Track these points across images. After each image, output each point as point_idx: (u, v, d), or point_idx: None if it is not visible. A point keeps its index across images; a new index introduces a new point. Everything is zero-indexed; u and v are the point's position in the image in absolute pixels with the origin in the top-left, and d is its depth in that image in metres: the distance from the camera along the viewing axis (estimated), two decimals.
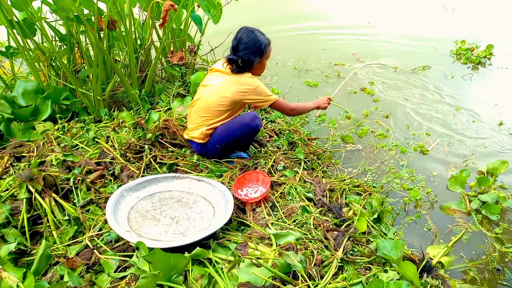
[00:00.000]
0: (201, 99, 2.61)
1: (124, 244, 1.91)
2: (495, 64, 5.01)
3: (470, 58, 5.07)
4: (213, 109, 2.57)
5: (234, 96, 2.52)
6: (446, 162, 3.19)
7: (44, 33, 2.95)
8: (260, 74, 2.75)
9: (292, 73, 4.88)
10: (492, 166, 2.93)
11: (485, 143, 3.45)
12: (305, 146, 3.20)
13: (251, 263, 1.74)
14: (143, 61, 3.52)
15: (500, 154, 3.27)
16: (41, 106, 3.02)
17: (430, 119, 3.82)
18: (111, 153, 2.60)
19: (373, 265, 1.94)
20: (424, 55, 5.31)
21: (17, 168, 2.45)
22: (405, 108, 4.02)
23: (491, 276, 2.21)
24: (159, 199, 2.26)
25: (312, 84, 4.55)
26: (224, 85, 2.55)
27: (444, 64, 5.04)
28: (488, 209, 2.64)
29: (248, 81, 2.53)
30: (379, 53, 5.44)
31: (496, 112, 3.95)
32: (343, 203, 2.49)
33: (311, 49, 5.65)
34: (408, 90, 4.42)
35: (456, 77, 4.67)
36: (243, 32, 2.53)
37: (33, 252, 1.94)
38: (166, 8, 2.96)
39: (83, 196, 2.22)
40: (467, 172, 2.90)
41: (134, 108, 3.27)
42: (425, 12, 7.15)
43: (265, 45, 2.54)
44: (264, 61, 2.65)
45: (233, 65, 2.54)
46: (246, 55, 2.49)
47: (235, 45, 2.54)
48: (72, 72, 3.21)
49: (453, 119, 3.82)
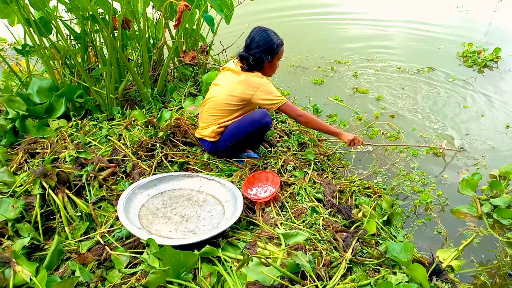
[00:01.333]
0: (211, 98, 2.63)
1: (135, 241, 1.94)
2: (502, 67, 4.98)
3: (476, 61, 5.04)
4: (223, 108, 2.58)
5: (242, 94, 2.52)
6: (457, 165, 3.17)
7: (60, 31, 3.00)
8: (271, 75, 2.75)
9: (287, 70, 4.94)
10: (505, 170, 2.90)
11: (495, 145, 3.42)
12: (315, 147, 3.20)
13: (259, 262, 1.75)
14: (155, 60, 3.55)
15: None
16: (55, 104, 3.07)
17: (435, 121, 3.81)
18: (123, 151, 2.63)
19: (382, 267, 1.94)
20: (430, 56, 5.30)
21: (31, 164, 2.50)
22: (410, 109, 4.02)
23: (502, 281, 2.18)
24: (170, 197, 2.29)
25: (318, 82, 4.59)
26: (233, 83, 2.56)
27: (449, 66, 5.03)
28: (500, 213, 2.61)
29: (257, 80, 2.53)
30: (385, 53, 5.45)
31: (503, 114, 3.95)
32: (352, 204, 2.48)
33: (313, 47, 5.69)
34: (412, 90, 4.42)
35: (458, 79, 4.64)
36: (256, 32, 2.55)
37: (45, 247, 1.97)
38: (181, 9, 2.98)
39: (95, 193, 2.25)
40: (479, 175, 2.88)
41: (146, 106, 3.30)
42: (438, 13, 7.09)
43: (277, 45, 2.55)
44: (276, 62, 2.65)
45: (244, 63, 2.56)
46: (258, 53, 2.50)
47: (247, 43, 2.56)
48: (86, 70, 3.25)
49: (460, 121, 3.81)
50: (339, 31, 6.29)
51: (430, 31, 6.22)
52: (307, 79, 4.68)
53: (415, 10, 7.21)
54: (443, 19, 6.71)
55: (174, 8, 3.41)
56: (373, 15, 6.91)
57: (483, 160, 3.23)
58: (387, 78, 4.69)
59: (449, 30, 6.23)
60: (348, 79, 4.68)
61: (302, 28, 6.37)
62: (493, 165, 3.14)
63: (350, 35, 6.13)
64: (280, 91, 4.30)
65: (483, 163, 3.17)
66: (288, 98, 4.13)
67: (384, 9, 7.29)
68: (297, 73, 4.85)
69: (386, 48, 5.60)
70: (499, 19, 6.72)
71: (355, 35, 6.14)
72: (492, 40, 5.71)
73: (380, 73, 4.82)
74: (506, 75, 4.80)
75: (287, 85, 4.55)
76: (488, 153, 3.32)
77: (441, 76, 4.73)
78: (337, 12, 7.13)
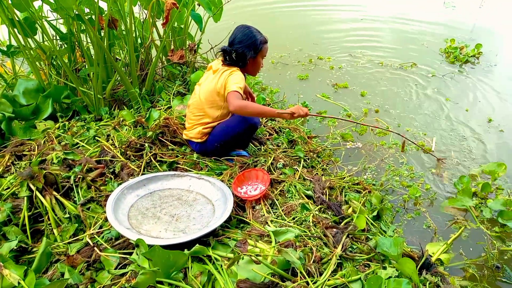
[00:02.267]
0: (194, 98, 2.63)
1: (124, 242, 1.92)
2: (484, 63, 5.06)
3: (458, 57, 5.13)
4: (205, 107, 2.56)
5: (218, 89, 2.48)
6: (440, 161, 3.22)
7: (45, 32, 2.96)
8: (255, 74, 2.73)
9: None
10: (489, 168, 2.89)
11: (469, 142, 3.48)
12: (305, 144, 3.21)
13: (250, 260, 1.75)
14: (143, 59, 3.52)
15: (487, 153, 3.31)
16: (42, 105, 3.03)
17: (416, 118, 3.86)
18: (111, 151, 2.61)
19: (372, 262, 1.95)
20: (414, 52, 5.39)
21: (18, 166, 2.47)
22: (392, 104, 4.08)
23: (491, 273, 2.21)
24: (159, 197, 2.27)
25: (304, 77, 4.65)
26: (211, 80, 2.54)
27: (431, 61, 5.10)
28: (503, 216, 2.53)
29: (231, 71, 2.48)
30: (368, 48, 5.53)
31: (479, 110, 4.02)
32: (342, 200, 2.50)
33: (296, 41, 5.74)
34: (394, 85, 4.49)
35: (438, 75, 4.72)
36: (239, 29, 2.54)
37: (34, 250, 1.95)
38: (168, 7, 2.97)
39: (84, 194, 2.23)
40: (468, 178, 2.83)
41: (135, 106, 3.28)
42: (425, 8, 7.16)
43: (260, 41, 2.53)
44: (259, 59, 2.62)
45: (226, 58, 2.54)
46: (241, 48, 2.49)
47: (231, 40, 2.55)
48: (73, 70, 3.22)
49: (439, 118, 3.86)
50: (323, 25, 6.38)
51: (415, 26, 6.31)
52: (292, 74, 4.76)
53: (402, 6, 7.28)
54: (429, 15, 6.78)
55: (162, 7, 3.39)
56: (360, 11, 6.97)
57: (460, 155, 3.28)
58: (370, 73, 4.76)
59: (434, 26, 6.31)
60: (330, 74, 4.75)
61: (283, 19, 6.51)
62: (471, 161, 3.20)
63: (334, 29, 6.21)
64: (270, 89, 4.32)
65: (460, 160, 3.22)
66: (277, 96, 4.15)
67: (371, 5, 7.35)
68: (278, 69, 4.91)
69: (370, 43, 5.67)
70: (484, 15, 6.81)
71: (339, 29, 6.23)
72: (477, 36, 5.79)
73: (362, 68, 4.89)
74: (488, 69, 4.88)
75: (270, 81, 4.60)
76: (466, 150, 3.37)
77: (422, 72, 4.81)
78: (321, 5, 7.30)
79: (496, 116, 3.84)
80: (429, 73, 4.77)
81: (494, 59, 5.14)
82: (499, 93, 4.30)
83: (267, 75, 4.73)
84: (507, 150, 3.33)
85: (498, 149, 3.34)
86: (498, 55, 5.28)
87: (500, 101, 4.16)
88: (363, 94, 4.23)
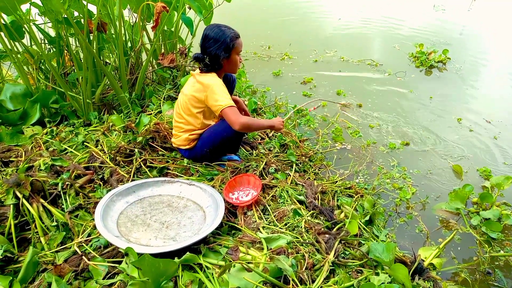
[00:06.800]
0: (177, 105, 2.60)
1: (114, 250, 1.88)
2: (449, 68, 5.23)
3: (423, 62, 5.31)
4: (187, 113, 2.52)
5: (197, 96, 2.43)
6: (435, 160, 3.25)
7: (33, 35, 2.91)
8: (235, 71, 2.65)
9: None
10: (496, 181, 2.84)
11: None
12: (296, 148, 3.19)
13: (242, 267, 1.72)
14: (133, 63, 3.49)
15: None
16: (30, 110, 2.98)
17: (377, 112, 4.07)
18: (100, 157, 2.57)
19: (365, 268, 1.94)
20: (384, 54, 5.63)
21: (4, 173, 2.41)
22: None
23: (482, 277, 2.21)
24: (149, 204, 2.24)
25: (278, 73, 4.91)
26: (190, 88, 2.50)
27: (398, 64, 5.31)
28: (490, 226, 2.51)
29: (207, 80, 2.42)
30: (338, 45, 5.81)
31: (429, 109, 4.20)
32: (334, 205, 2.48)
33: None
34: (355, 83, 4.75)
35: (392, 75, 4.98)
36: (208, 29, 2.44)
37: (20, 259, 1.90)
38: (158, 11, 2.94)
39: (72, 201, 2.19)
40: (471, 187, 2.78)
41: (124, 111, 3.24)
42: (413, 11, 7.25)
43: (231, 38, 2.41)
44: (235, 56, 2.52)
45: (201, 64, 2.49)
46: (213, 51, 2.40)
47: (201, 43, 2.46)
48: (61, 75, 3.17)
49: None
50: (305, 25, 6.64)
51: (404, 29, 6.44)
52: (267, 70, 5.02)
53: (393, 8, 7.34)
54: (419, 17, 6.84)
55: (152, 10, 3.36)
56: (353, 10, 7.11)
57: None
58: (332, 69, 5.07)
59: (421, 29, 6.43)
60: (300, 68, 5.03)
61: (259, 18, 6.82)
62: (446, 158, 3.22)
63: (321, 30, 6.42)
64: (261, 90, 4.31)
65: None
66: (267, 96, 4.15)
67: (367, 5, 7.45)
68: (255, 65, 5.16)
69: (348, 43, 5.86)
70: (472, 19, 6.89)
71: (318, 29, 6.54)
72: (463, 39, 5.92)
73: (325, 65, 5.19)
74: (444, 75, 5.07)
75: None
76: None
77: (382, 71, 5.05)
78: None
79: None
80: (385, 73, 5.03)
81: (461, 65, 5.29)
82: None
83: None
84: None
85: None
86: (466, 61, 5.45)
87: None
88: (339, 92, 4.48)
